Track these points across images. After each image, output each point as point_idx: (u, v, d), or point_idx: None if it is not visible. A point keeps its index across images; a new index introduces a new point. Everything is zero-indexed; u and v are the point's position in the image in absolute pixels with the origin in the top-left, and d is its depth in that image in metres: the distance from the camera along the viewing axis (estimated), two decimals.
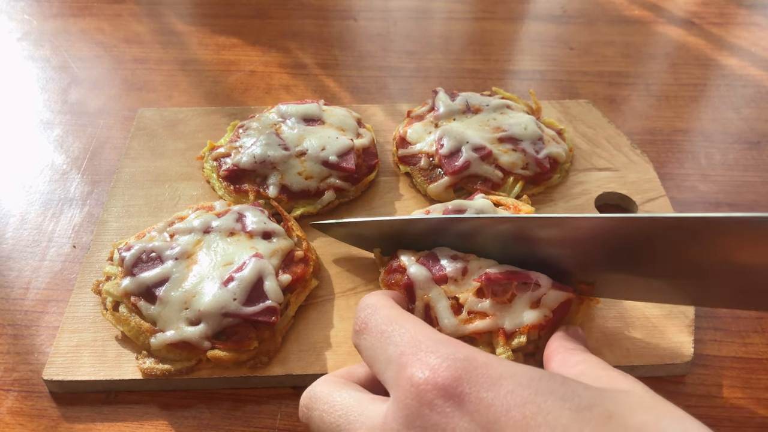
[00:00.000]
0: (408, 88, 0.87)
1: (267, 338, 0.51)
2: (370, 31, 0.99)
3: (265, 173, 0.64)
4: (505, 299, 0.47)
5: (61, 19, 1.00)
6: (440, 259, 0.51)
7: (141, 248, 0.55)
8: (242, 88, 0.86)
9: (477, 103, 0.72)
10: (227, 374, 0.51)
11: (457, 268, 0.49)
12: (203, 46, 0.94)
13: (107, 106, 0.82)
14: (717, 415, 0.50)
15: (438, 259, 0.51)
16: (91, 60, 0.91)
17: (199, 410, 0.50)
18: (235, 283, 0.51)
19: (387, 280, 0.52)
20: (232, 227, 0.57)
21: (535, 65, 0.92)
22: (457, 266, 0.50)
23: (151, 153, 0.72)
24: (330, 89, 0.86)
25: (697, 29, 1.00)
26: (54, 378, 0.50)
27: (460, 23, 1.03)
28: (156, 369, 0.50)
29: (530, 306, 0.47)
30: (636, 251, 0.44)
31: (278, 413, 0.50)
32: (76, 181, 0.71)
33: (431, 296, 0.49)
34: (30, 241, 0.64)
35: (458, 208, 0.55)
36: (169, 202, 0.66)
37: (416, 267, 0.51)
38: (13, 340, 0.55)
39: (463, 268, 0.49)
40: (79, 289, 0.57)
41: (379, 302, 0.40)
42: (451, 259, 0.50)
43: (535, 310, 0.47)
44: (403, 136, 0.70)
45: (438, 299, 0.49)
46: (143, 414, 0.50)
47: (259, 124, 0.69)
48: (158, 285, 0.52)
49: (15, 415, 0.50)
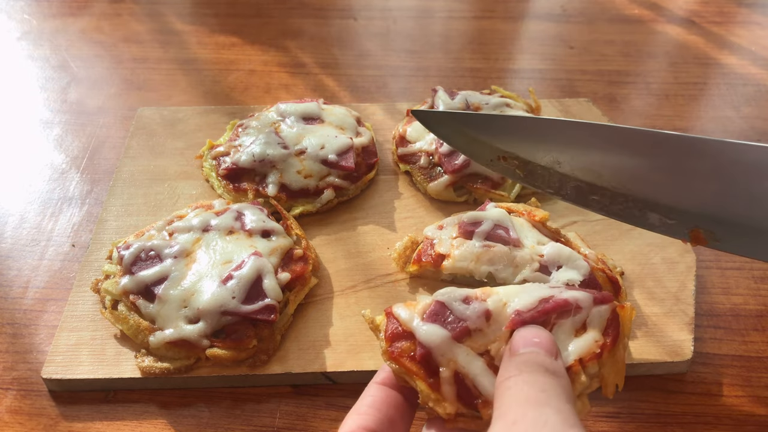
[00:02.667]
0: (407, 87, 0.87)
1: (266, 337, 0.51)
2: (369, 30, 0.99)
3: (265, 172, 0.64)
4: None
5: (61, 18, 1.00)
6: (452, 307, 0.40)
7: (140, 247, 0.55)
8: (241, 87, 0.86)
9: (477, 101, 0.72)
10: (226, 373, 0.51)
11: (478, 312, 0.39)
12: (202, 46, 0.94)
13: (106, 106, 0.82)
14: (717, 413, 0.50)
15: (448, 306, 0.40)
16: (90, 59, 0.91)
17: (198, 409, 0.50)
18: (234, 281, 0.51)
19: (392, 351, 0.40)
20: (231, 226, 0.57)
21: (535, 64, 0.92)
22: (476, 310, 0.39)
23: (150, 152, 0.72)
24: (329, 88, 0.86)
25: (697, 28, 1.00)
26: (53, 376, 0.50)
27: (460, 22, 1.02)
28: (155, 367, 0.50)
29: (575, 333, 0.38)
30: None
31: (277, 412, 0.50)
32: (75, 180, 0.71)
33: (459, 361, 0.38)
34: (29, 240, 0.64)
35: (474, 220, 0.55)
36: (169, 200, 0.66)
37: (428, 327, 0.39)
38: (12, 339, 0.55)
39: (485, 311, 0.39)
40: (78, 288, 0.57)
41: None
42: (464, 302, 0.40)
43: (582, 336, 0.38)
44: (402, 135, 0.70)
45: (469, 362, 0.38)
46: (142, 412, 0.50)
47: (258, 123, 0.69)
48: (157, 283, 0.52)
49: (14, 414, 0.50)
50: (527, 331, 0.37)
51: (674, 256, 0.59)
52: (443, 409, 0.37)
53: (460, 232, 0.56)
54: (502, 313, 0.39)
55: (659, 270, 0.58)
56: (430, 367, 0.38)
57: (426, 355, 0.38)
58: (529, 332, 0.37)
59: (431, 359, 0.38)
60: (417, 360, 0.38)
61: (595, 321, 0.39)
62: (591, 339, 0.38)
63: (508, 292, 0.40)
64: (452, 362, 0.38)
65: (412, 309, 0.40)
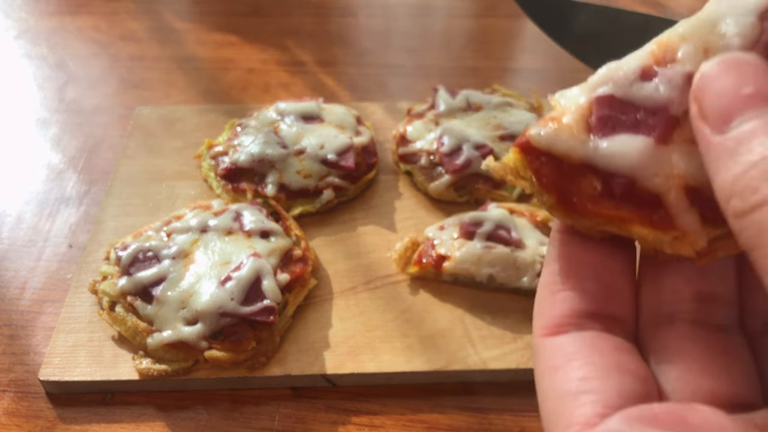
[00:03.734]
0: (408, 86, 0.86)
1: (265, 338, 0.51)
2: (369, 28, 0.99)
3: (264, 172, 0.64)
4: None
5: (58, 17, 0.99)
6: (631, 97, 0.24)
7: (138, 247, 0.54)
8: (240, 86, 0.85)
9: (478, 100, 0.71)
10: (225, 375, 0.50)
11: (677, 84, 0.24)
12: (201, 44, 0.93)
13: (104, 105, 0.81)
14: None
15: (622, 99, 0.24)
16: (87, 58, 0.90)
17: (197, 411, 0.50)
18: (232, 282, 0.51)
19: (575, 204, 0.25)
20: (230, 226, 0.56)
21: (537, 63, 0.92)
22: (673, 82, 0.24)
23: (148, 152, 0.71)
24: (329, 87, 0.85)
25: None
26: (50, 378, 0.50)
27: (461, 20, 1.02)
28: (153, 369, 0.50)
29: None
30: None
31: (276, 414, 0.50)
32: (72, 180, 0.70)
33: (684, 169, 0.23)
34: (26, 241, 0.63)
35: (475, 221, 0.55)
36: (167, 201, 0.65)
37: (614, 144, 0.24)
38: (9, 341, 0.55)
39: (685, 76, 0.24)
40: (76, 289, 0.56)
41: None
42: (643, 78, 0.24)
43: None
44: (403, 134, 0.70)
45: (698, 165, 0.23)
46: (140, 415, 0.49)
47: (257, 122, 0.68)
48: (155, 284, 0.52)
49: (11, 416, 0.49)
50: (720, 77, 0.21)
51: None
52: (692, 246, 0.24)
53: (462, 232, 0.56)
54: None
55: None
56: (643, 199, 0.24)
57: (629, 185, 0.24)
58: (731, 74, 0.21)
59: (640, 188, 0.24)
60: (618, 198, 0.24)
61: None
62: None
63: (695, 26, 0.24)
64: (675, 177, 0.23)
65: (558, 128, 0.25)
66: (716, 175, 0.21)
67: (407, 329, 0.53)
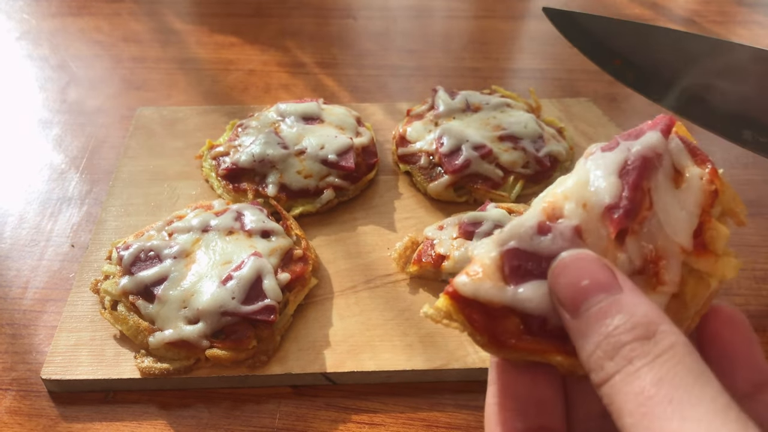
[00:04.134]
0: (408, 87, 0.87)
1: (266, 337, 0.51)
2: (369, 29, 0.99)
3: (264, 172, 0.64)
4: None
5: (60, 18, 1.00)
6: (533, 248, 0.29)
7: (139, 247, 0.55)
8: (241, 87, 0.86)
9: (477, 101, 0.72)
10: (226, 373, 0.50)
11: (567, 237, 0.29)
12: (202, 45, 0.94)
13: (106, 105, 0.82)
14: None
15: (526, 250, 0.29)
16: (89, 59, 0.91)
17: (198, 409, 0.50)
18: (233, 281, 0.51)
19: (501, 340, 0.29)
20: (231, 226, 0.57)
21: (536, 63, 0.92)
22: (564, 235, 0.29)
23: (149, 152, 0.72)
24: (329, 88, 0.86)
25: (698, 27, 1.00)
26: (52, 377, 0.50)
27: (460, 21, 1.02)
28: (154, 368, 0.50)
29: (675, 185, 0.30)
30: None
31: (277, 412, 0.50)
32: (74, 181, 0.71)
33: None
34: (28, 241, 0.64)
35: (474, 220, 0.55)
36: (168, 201, 0.66)
37: (526, 290, 0.29)
38: (11, 340, 0.55)
39: (573, 229, 0.29)
40: (78, 289, 0.57)
41: None
42: (539, 233, 0.29)
43: (684, 182, 0.29)
44: (402, 135, 0.70)
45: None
46: (142, 413, 0.50)
47: (258, 122, 0.69)
48: (157, 284, 0.52)
49: (13, 415, 0.50)
50: (565, 272, 0.26)
51: None
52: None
53: (461, 232, 0.56)
54: (593, 216, 0.28)
55: None
56: (555, 333, 0.28)
57: (543, 323, 0.28)
58: (570, 270, 0.26)
59: (552, 325, 0.28)
60: (536, 333, 0.28)
61: (680, 154, 0.29)
62: (696, 177, 0.29)
63: (573, 187, 0.29)
64: None
65: (479, 277, 0.29)
66: (579, 351, 0.25)
67: (407, 328, 0.54)
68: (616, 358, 0.23)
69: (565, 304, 0.26)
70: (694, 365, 0.22)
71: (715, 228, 0.28)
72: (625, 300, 0.25)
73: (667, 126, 0.30)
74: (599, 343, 0.24)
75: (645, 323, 0.24)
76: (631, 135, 0.30)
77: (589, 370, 0.25)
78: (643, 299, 0.25)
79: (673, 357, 0.22)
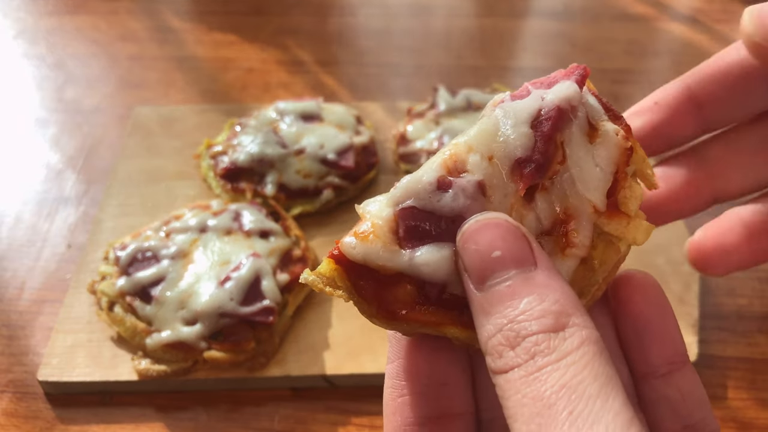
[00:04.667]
0: (408, 85, 0.86)
1: (265, 339, 0.51)
2: (369, 27, 0.98)
3: (263, 171, 0.63)
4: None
5: (57, 16, 0.99)
6: (431, 207, 0.26)
7: (137, 247, 0.54)
8: (240, 85, 0.85)
9: (478, 100, 0.71)
10: (224, 375, 0.50)
11: (470, 193, 0.26)
12: (200, 44, 0.93)
13: (103, 105, 0.81)
14: (722, 416, 0.49)
15: (423, 209, 0.26)
16: (86, 58, 0.90)
17: (196, 412, 0.50)
18: (232, 282, 0.51)
19: (392, 311, 0.26)
20: (229, 226, 0.56)
21: (537, 62, 0.91)
22: (467, 191, 0.26)
23: (147, 151, 0.71)
24: (329, 86, 0.85)
25: (701, 26, 0.99)
26: (49, 379, 0.50)
27: (461, 19, 1.02)
28: (152, 370, 0.49)
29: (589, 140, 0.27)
30: None
31: (276, 415, 0.49)
32: (71, 181, 0.70)
33: None
34: (25, 241, 0.63)
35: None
36: (165, 200, 0.65)
37: (423, 255, 0.25)
38: (7, 341, 0.54)
39: (476, 185, 0.26)
40: (74, 290, 0.56)
41: None
42: (440, 189, 0.26)
43: (598, 136, 0.27)
44: (403, 134, 0.70)
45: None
46: (139, 416, 0.49)
47: (256, 121, 0.68)
48: (154, 285, 0.52)
49: (9, 417, 0.49)
50: (474, 239, 0.23)
51: (678, 258, 0.59)
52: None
53: None
54: (499, 170, 0.26)
55: (663, 271, 0.58)
56: (453, 302, 0.26)
57: (440, 290, 0.25)
58: (482, 237, 0.23)
59: (450, 293, 0.26)
60: (432, 302, 0.26)
61: (594, 109, 0.27)
62: (612, 132, 0.26)
63: (479, 137, 0.27)
64: None
65: (371, 240, 0.25)
66: (478, 328, 0.23)
67: None
68: (518, 349, 0.21)
69: (471, 273, 0.23)
70: (602, 369, 0.20)
71: (630, 186, 0.26)
72: (537, 279, 0.22)
73: (582, 76, 0.27)
74: (501, 327, 0.22)
75: (555, 312, 0.21)
76: (543, 83, 0.27)
77: (485, 353, 0.22)
78: (557, 280, 0.22)
79: (581, 358, 0.20)
